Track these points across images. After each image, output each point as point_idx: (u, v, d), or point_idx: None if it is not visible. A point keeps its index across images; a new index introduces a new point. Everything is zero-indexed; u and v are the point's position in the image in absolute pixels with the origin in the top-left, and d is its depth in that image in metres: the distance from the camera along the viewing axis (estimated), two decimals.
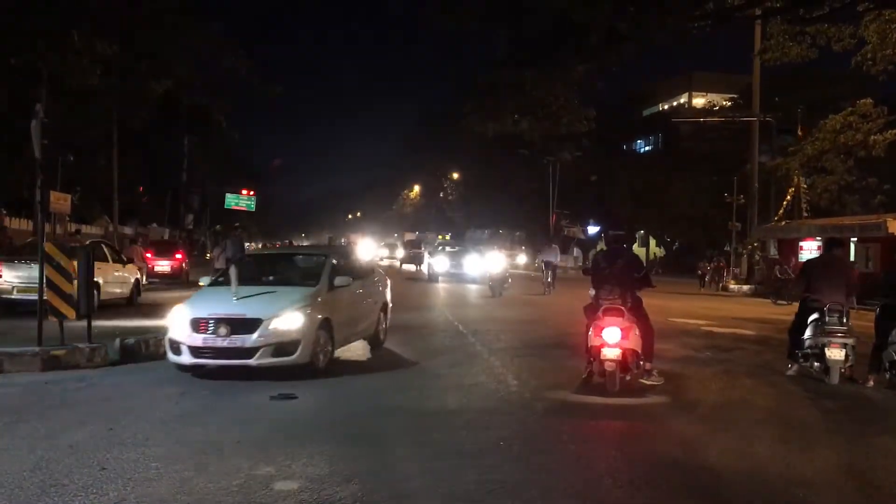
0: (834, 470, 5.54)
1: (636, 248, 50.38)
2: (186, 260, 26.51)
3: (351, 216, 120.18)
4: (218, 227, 54.62)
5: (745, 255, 32.93)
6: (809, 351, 8.94)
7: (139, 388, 8.11)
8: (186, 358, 8.44)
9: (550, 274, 24.66)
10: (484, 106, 18.22)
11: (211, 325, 8.32)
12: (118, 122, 29.12)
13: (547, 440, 6.19)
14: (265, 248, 42.63)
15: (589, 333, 8.13)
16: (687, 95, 59.17)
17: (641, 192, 47.55)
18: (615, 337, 7.78)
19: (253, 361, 8.28)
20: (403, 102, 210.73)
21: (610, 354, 7.77)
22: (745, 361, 10.63)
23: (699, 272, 33.24)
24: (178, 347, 8.48)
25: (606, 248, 9.28)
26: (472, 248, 33.47)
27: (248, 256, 12.85)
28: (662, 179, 45.80)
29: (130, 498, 4.61)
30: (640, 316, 8.27)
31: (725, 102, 48.14)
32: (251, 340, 8.25)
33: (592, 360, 8.12)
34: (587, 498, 4.79)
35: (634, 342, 7.96)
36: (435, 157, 68.18)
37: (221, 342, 8.28)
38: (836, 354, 8.57)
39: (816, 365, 8.88)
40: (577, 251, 50.62)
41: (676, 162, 46.37)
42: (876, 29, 18.18)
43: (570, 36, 14.23)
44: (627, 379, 8.00)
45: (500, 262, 22.95)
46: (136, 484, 4.86)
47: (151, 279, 23.34)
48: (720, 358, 10.92)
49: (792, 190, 30.72)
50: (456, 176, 70.63)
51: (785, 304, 19.96)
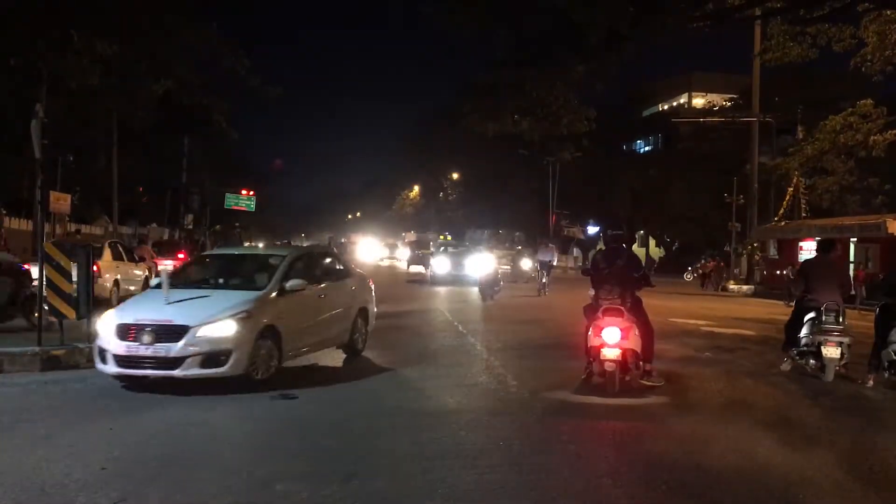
0: (835, 470, 5.54)
1: (635, 248, 50.40)
2: (189, 260, 26.64)
3: (351, 216, 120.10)
4: (217, 227, 54.61)
5: (744, 255, 32.92)
6: (806, 348, 9.20)
7: (139, 387, 8.10)
8: (111, 367, 7.73)
9: (545, 274, 23.81)
10: (484, 106, 18.16)
11: (135, 331, 7.60)
12: (118, 122, 29.11)
13: (547, 440, 6.20)
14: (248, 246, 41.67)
15: (589, 333, 8.12)
16: (687, 96, 59.16)
17: (641, 192, 47.56)
18: (615, 337, 7.77)
19: (178, 372, 7.51)
20: (403, 102, 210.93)
21: (610, 355, 7.77)
22: (745, 362, 10.63)
23: (700, 272, 33.24)
24: (104, 355, 7.79)
25: (605, 248, 9.27)
26: (472, 248, 32.15)
27: (204, 257, 11.99)
28: (662, 179, 45.79)
29: (130, 498, 4.61)
30: (639, 316, 8.27)
31: (725, 102, 48.09)
32: (176, 349, 7.47)
33: (592, 360, 8.12)
34: (587, 498, 4.79)
35: (634, 342, 7.96)
36: (435, 157, 68.15)
37: (145, 350, 7.54)
38: (831, 352, 8.80)
39: (812, 362, 9.11)
40: (576, 251, 50.58)
41: (676, 162, 46.34)
42: (875, 29, 18.19)
43: (570, 36, 14.22)
44: (627, 379, 8.00)
45: (489, 263, 21.34)
46: (136, 484, 4.87)
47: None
48: (721, 358, 10.92)
49: (791, 190, 30.72)
50: (456, 176, 70.61)
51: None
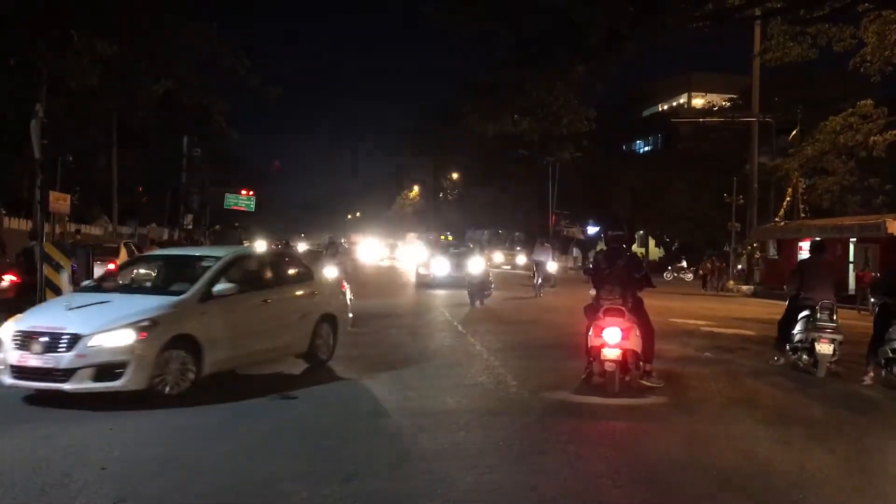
0: (835, 469, 5.54)
1: (635, 248, 50.44)
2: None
3: (350, 216, 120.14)
4: (217, 227, 54.56)
5: (744, 255, 32.93)
6: (800, 345, 9.50)
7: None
8: (7, 377, 7.12)
9: (541, 275, 22.74)
10: (484, 106, 18.13)
11: (28, 339, 7.02)
12: (118, 122, 29.12)
13: (546, 440, 6.19)
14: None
15: (589, 334, 8.13)
16: (686, 96, 59.17)
17: (641, 192, 47.55)
18: (616, 337, 7.77)
19: (68, 386, 6.81)
20: (403, 102, 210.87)
21: (610, 355, 7.77)
22: (745, 362, 10.62)
23: (701, 272, 33.27)
24: (2, 364, 7.19)
25: (607, 248, 9.28)
26: (466, 248, 29.37)
27: (140, 259, 11.21)
28: (662, 180, 45.79)
29: (130, 498, 4.60)
30: (640, 316, 8.27)
31: (725, 103, 48.12)
32: (66, 360, 6.80)
33: (592, 360, 8.12)
34: (587, 498, 4.79)
35: (635, 343, 7.96)
36: (435, 157, 68.21)
37: (35, 361, 6.92)
38: (824, 349, 9.11)
39: (805, 358, 9.39)
40: (576, 251, 50.64)
41: (676, 162, 46.36)
42: (875, 30, 18.18)
43: (570, 36, 14.21)
44: (627, 379, 8.00)
45: (479, 265, 19.71)
46: (136, 484, 4.86)
47: None
48: (721, 358, 10.92)
49: (791, 190, 30.72)
50: (455, 176, 70.64)
51: None
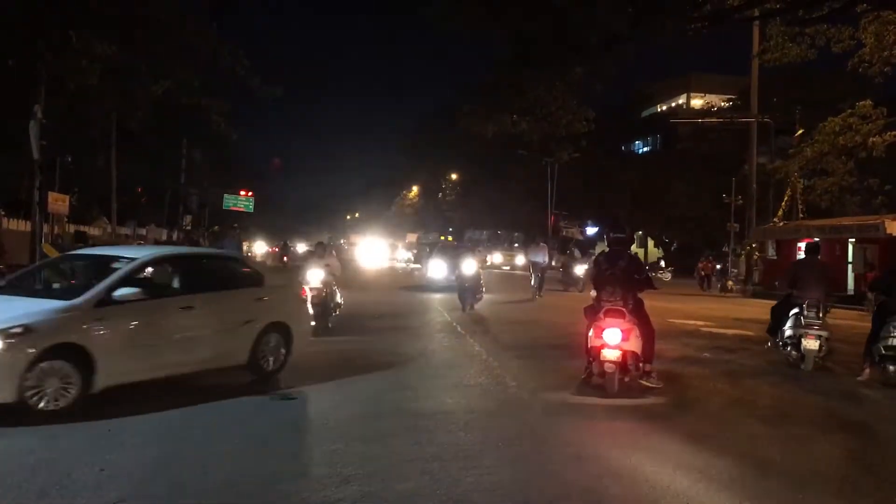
0: (835, 468, 5.55)
1: (634, 248, 50.43)
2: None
3: (350, 216, 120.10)
4: (216, 227, 54.61)
5: (743, 255, 32.93)
6: (789, 340, 9.91)
7: (139, 388, 8.07)
8: None
9: (538, 277, 21.72)
10: (483, 106, 18.14)
11: None
12: (117, 122, 29.10)
13: (546, 441, 6.20)
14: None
15: (589, 334, 8.14)
16: (685, 96, 59.26)
17: (640, 192, 47.58)
18: (616, 338, 7.78)
19: None
20: (403, 102, 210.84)
21: (610, 355, 7.78)
22: (745, 362, 10.64)
23: (703, 272, 33.25)
24: None
25: (608, 249, 9.29)
26: (462, 248, 27.53)
27: (58, 259, 10.50)
28: (661, 180, 45.83)
29: (130, 498, 4.60)
30: (641, 317, 8.27)
31: (724, 103, 48.18)
32: None
33: (592, 360, 8.13)
34: (587, 498, 4.79)
35: (635, 344, 7.97)
36: (434, 157, 68.15)
37: None
38: (811, 344, 9.57)
39: (794, 353, 9.81)
40: (576, 252, 50.61)
41: (675, 163, 46.41)
42: (873, 30, 18.19)
43: (569, 36, 14.22)
44: (626, 380, 8.00)
45: (470, 266, 18.27)
46: (136, 484, 4.86)
47: None
48: (721, 359, 10.93)
49: (789, 191, 30.73)
50: (455, 176, 70.62)
51: None
